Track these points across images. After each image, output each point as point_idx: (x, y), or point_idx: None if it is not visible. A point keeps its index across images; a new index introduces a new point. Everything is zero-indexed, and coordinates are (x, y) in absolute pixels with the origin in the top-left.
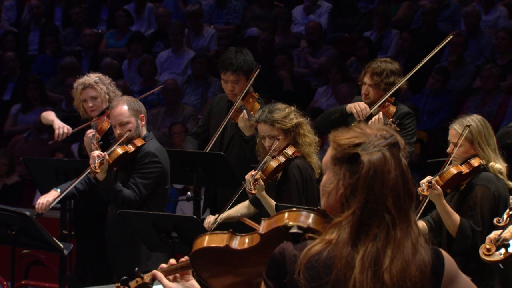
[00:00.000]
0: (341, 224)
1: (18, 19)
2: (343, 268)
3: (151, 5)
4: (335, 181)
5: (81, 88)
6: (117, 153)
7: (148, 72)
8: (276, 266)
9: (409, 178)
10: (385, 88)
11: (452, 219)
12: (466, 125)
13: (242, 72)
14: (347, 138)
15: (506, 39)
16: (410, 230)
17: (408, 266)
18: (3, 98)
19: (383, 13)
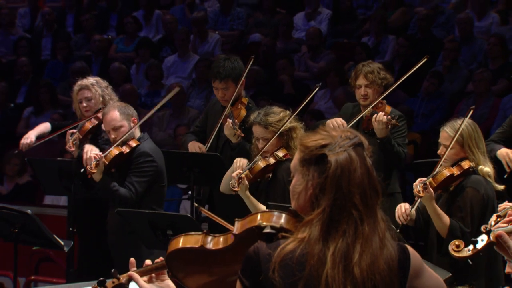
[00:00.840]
0: (312, 222)
1: (31, 25)
2: (316, 264)
3: (159, 12)
4: (304, 182)
5: (78, 89)
6: (113, 153)
7: (155, 76)
8: (251, 265)
9: (374, 175)
10: (381, 83)
11: (442, 221)
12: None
13: (230, 79)
14: (314, 140)
15: (498, 45)
16: (377, 225)
17: (377, 260)
18: (16, 101)
19: (380, 20)
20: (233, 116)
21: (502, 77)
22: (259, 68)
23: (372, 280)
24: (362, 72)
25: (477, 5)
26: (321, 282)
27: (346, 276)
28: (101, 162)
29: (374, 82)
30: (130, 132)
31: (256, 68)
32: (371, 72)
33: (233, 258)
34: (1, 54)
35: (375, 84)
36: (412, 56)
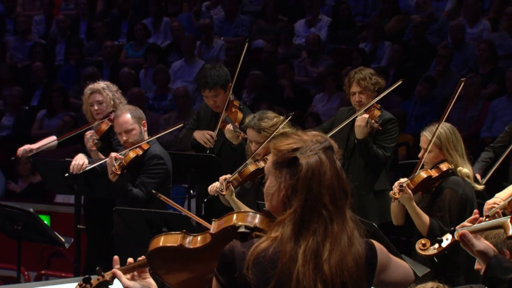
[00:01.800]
0: (284, 222)
1: (46, 32)
2: (287, 262)
3: (167, 19)
4: (277, 184)
5: (89, 92)
6: (130, 156)
7: (162, 80)
8: (227, 263)
9: (343, 177)
10: (373, 88)
11: (422, 220)
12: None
13: (218, 86)
14: (286, 144)
15: (487, 51)
16: (345, 225)
17: (345, 257)
18: (31, 104)
19: (376, 27)
20: (231, 120)
21: (491, 82)
22: (260, 72)
23: (340, 276)
24: (354, 80)
25: (469, 12)
26: (293, 279)
27: (316, 273)
28: (122, 164)
29: (367, 88)
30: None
31: (257, 73)
32: (363, 78)
33: (210, 256)
34: (17, 60)
35: (368, 90)
36: (407, 61)
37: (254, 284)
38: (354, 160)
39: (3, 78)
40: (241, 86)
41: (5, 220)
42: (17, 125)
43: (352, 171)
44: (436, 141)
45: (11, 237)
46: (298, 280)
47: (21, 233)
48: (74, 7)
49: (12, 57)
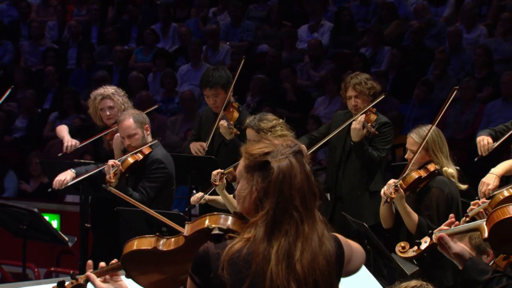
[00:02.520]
0: (257, 223)
1: (59, 37)
2: (261, 262)
3: (175, 25)
4: (249, 187)
5: (100, 98)
6: (129, 162)
7: (169, 84)
8: (201, 263)
9: (312, 180)
10: (369, 93)
11: (411, 219)
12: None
13: (219, 86)
14: (258, 148)
15: (483, 55)
16: (316, 225)
17: (316, 256)
18: (44, 106)
19: (376, 32)
20: (227, 119)
21: (487, 85)
22: (265, 76)
23: (312, 275)
24: (350, 84)
25: (466, 18)
26: (266, 279)
27: (289, 272)
28: (119, 171)
29: (362, 93)
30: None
31: (262, 77)
32: (359, 83)
33: (184, 258)
34: (31, 64)
35: (363, 94)
36: (406, 65)
37: (229, 284)
38: (350, 162)
39: (17, 82)
40: (246, 89)
41: (11, 220)
42: (30, 127)
43: (348, 172)
44: (423, 143)
45: (17, 236)
46: (272, 279)
47: (26, 232)
48: (86, 13)
49: (26, 61)
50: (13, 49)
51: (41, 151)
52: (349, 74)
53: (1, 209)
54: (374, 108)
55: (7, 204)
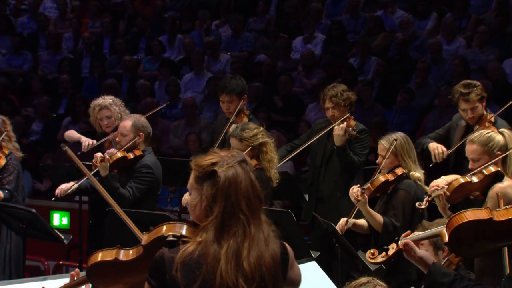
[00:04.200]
0: (207, 227)
1: (74, 47)
2: (212, 262)
3: (180, 36)
4: (199, 196)
5: (98, 108)
6: (117, 156)
7: (173, 91)
8: (157, 267)
9: (257, 186)
10: (344, 104)
11: (376, 220)
12: (394, 139)
13: (234, 94)
14: (206, 160)
15: (461, 65)
16: (261, 227)
17: (263, 255)
18: (58, 112)
19: (364, 43)
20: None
21: None
22: (260, 84)
23: (259, 271)
24: (327, 96)
25: (447, 31)
26: (217, 277)
27: (237, 270)
28: (106, 160)
29: (338, 104)
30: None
31: (258, 85)
32: (335, 95)
33: (144, 266)
34: (47, 72)
35: (339, 105)
36: (391, 74)
37: (183, 284)
38: (330, 165)
39: (34, 89)
40: None
41: (12, 219)
42: (45, 131)
43: (329, 175)
44: (392, 149)
45: (18, 235)
46: (222, 277)
47: (26, 231)
48: (99, 26)
49: (44, 70)
50: (32, 58)
51: (53, 153)
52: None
53: (3, 210)
54: (352, 116)
55: (8, 205)
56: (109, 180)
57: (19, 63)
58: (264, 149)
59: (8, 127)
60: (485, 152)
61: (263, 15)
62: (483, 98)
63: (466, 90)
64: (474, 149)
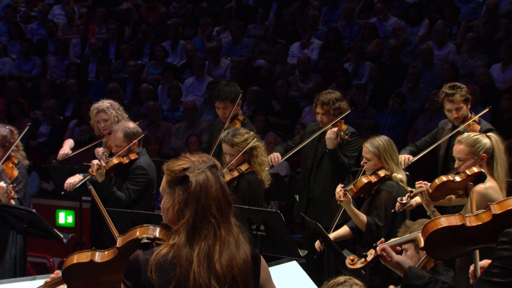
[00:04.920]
0: (179, 230)
1: (81, 53)
2: (185, 264)
3: (183, 42)
4: (171, 200)
5: (96, 112)
6: (113, 162)
7: (175, 94)
8: (132, 269)
9: (227, 190)
10: (334, 113)
11: (360, 219)
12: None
13: (228, 100)
14: (177, 165)
15: (450, 70)
16: (231, 230)
17: (234, 257)
18: (65, 114)
19: (358, 49)
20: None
21: None
22: (259, 88)
23: (231, 273)
24: (319, 102)
25: (438, 37)
26: (190, 278)
27: (209, 272)
28: (102, 168)
29: (327, 112)
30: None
31: (256, 88)
32: (326, 103)
33: (119, 267)
34: (55, 76)
35: (328, 113)
36: (384, 79)
37: (158, 285)
38: (321, 167)
39: (42, 92)
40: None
41: (14, 219)
42: (52, 132)
43: (320, 177)
44: (375, 151)
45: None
46: (195, 279)
47: (27, 230)
48: (105, 32)
49: (52, 74)
50: (40, 63)
51: None
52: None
53: (5, 210)
54: (343, 120)
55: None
56: (106, 186)
57: (28, 68)
58: (255, 153)
59: (16, 137)
60: (471, 153)
61: (262, 22)
62: (467, 100)
63: (451, 91)
64: (461, 149)
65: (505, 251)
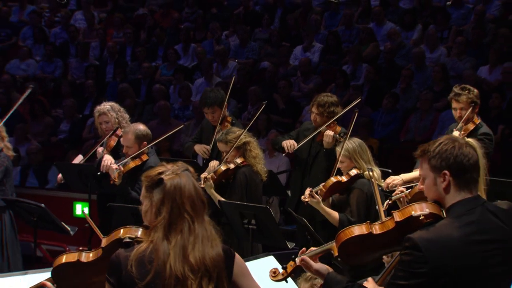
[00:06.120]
0: (157, 227)
1: (100, 55)
2: (162, 256)
3: (194, 45)
4: (150, 203)
5: (98, 114)
6: (130, 166)
7: (185, 94)
8: (114, 266)
9: (199, 190)
10: (327, 116)
11: (332, 217)
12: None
13: (215, 105)
14: (154, 171)
15: (440, 72)
16: (204, 225)
17: (207, 249)
18: (84, 112)
19: (357, 52)
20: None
21: (443, 97)
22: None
23: (204, 263)
24: (316, 102)
25: (430, 41)
26: (167, 269)
27: (184, 262)
28: (121, 171)
29: (321, 114)
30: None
31: (260, 88)
32: (322, 105)
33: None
34: (76, 77)
35: (322, 115)
36: (379, 80)
37: (137, 277)
38: (316, 164)
39: (63, 92)
40: (247, 100)
41: (25, 213)
42: (72, 130)
43: (314, 173)
44: (346, 153)
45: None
46: (171, 268)
47: (37, 223)
48: (122, 36)
49: (73, 75)
50: (62, 65)
51: (77, 150)
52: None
53: (17, 205)
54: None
55: (22, 200)
56: (123, 188)
57: (51, 69)
58: (248, 148)
59: (1, 129)
60: None
61: (267, 26)
62: (474, 103)
63: (459, 92)
64: None
65: (406, 256)
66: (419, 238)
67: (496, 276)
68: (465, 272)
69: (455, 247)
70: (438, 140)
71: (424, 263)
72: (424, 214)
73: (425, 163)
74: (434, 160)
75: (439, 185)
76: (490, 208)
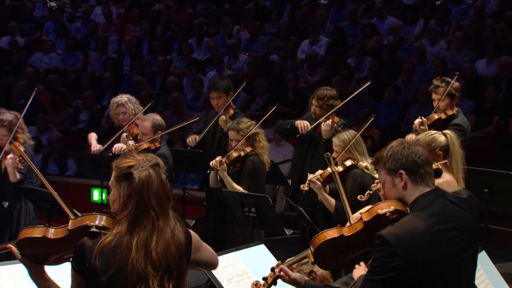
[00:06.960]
0: (121, 221)
1: (118, 49)
2: (124, 251)
3: (207, 39)
4: (118, 193)
5: (115, 105)
6: (143, 146)
7: (197, 86)
8: (79, 255)
9: (167, 186)
10: (326, 108)
11: (329, 203)
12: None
13: (221, 90)
14: (124, 163)
15: (439, 65)
16: (169, 221)
17: (169, 245)
18: (102, 103)
19: (360, 45)
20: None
21: None
22: (271, 80)
23: (165, 259)
24: (316, 95)
25: (431, 35)
26: (129, 264)
27: (146, 258)
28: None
29: (320, 106)
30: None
31: (269, 81)
32: (322, 98)
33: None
34: (95, 70)
35: (321, 107)
36: (382, 73)
37: (100, 270)
38: (317, 154)
39: (83, 84)
40: (256, 91)
41: (40, 201)
42: (90, 119)
43: (314, 162)
44: (341, 144)
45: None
46: (133, 264)
47: (51, 210)
48: (139, 30)
49: (92, 68)
50: (83, 58)
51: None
52: (336, 79)
53: (32, 193)
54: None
55: (36, 189)
56: None
57: (72, 62)
58: (258, 138)
59: (20, 121)
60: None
61: (276, 21)
62: (451, 95)
63: (438, 84)
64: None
65: (378, 252)
66: (388, 234)
67: (462, 263)
68: (432, 262)
69: (421, 239)
70: (389, 145)
71: (396, 257)
72: (390, 211)
73: (381, 169)
74: (388, 164)
75: (398, 185)
76: (450, 198)
